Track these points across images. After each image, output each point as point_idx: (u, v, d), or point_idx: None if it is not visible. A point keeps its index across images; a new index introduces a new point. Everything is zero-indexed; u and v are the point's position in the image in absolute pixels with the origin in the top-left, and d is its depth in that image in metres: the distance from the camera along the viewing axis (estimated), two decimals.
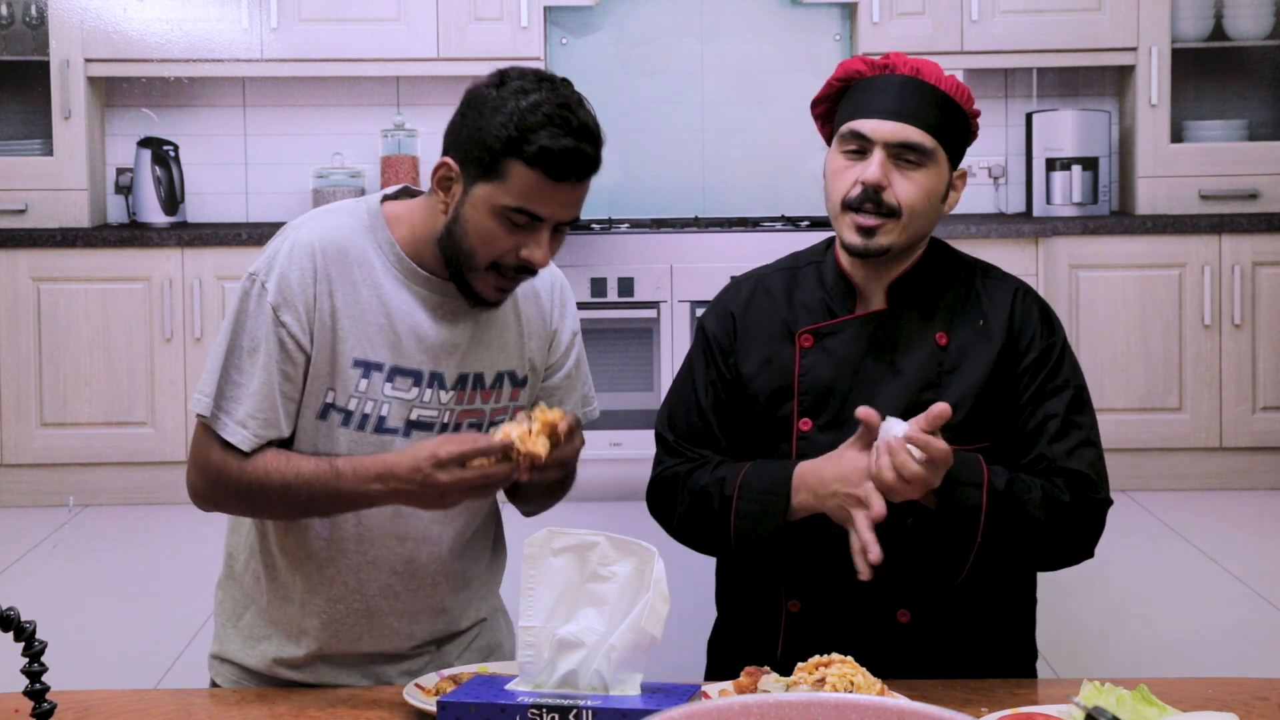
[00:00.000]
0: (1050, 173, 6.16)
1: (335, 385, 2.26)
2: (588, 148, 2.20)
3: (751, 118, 6.41)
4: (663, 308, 5.82)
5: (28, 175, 5.97)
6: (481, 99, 2.21)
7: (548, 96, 2.19)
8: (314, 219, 2.31)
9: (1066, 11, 6.06)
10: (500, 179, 2.17)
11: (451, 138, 2.24)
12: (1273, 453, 5.94)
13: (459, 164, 2.21)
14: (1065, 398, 2.37)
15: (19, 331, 5.82)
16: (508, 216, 2.19)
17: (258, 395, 2.23)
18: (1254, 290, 5.91)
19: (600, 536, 2.00)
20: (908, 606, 2.36)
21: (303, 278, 2.24)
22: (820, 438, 2.37)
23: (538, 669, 1.97)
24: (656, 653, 1.96)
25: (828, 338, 2.42)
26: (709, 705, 1.45)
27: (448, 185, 2.23)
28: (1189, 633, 4.46)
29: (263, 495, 2.24)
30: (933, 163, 2.38)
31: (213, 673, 2.45)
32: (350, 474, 2.20)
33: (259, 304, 2.24)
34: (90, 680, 2.53)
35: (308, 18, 6.03)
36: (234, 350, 2.25)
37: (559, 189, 2.18)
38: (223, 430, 2.24)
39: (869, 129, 2.38)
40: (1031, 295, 2.45)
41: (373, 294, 2.27)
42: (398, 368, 2.27)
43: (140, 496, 5.85)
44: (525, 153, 2.15)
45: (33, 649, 1.67)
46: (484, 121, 2.18)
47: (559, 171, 2.17)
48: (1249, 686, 2.13)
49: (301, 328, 2.24)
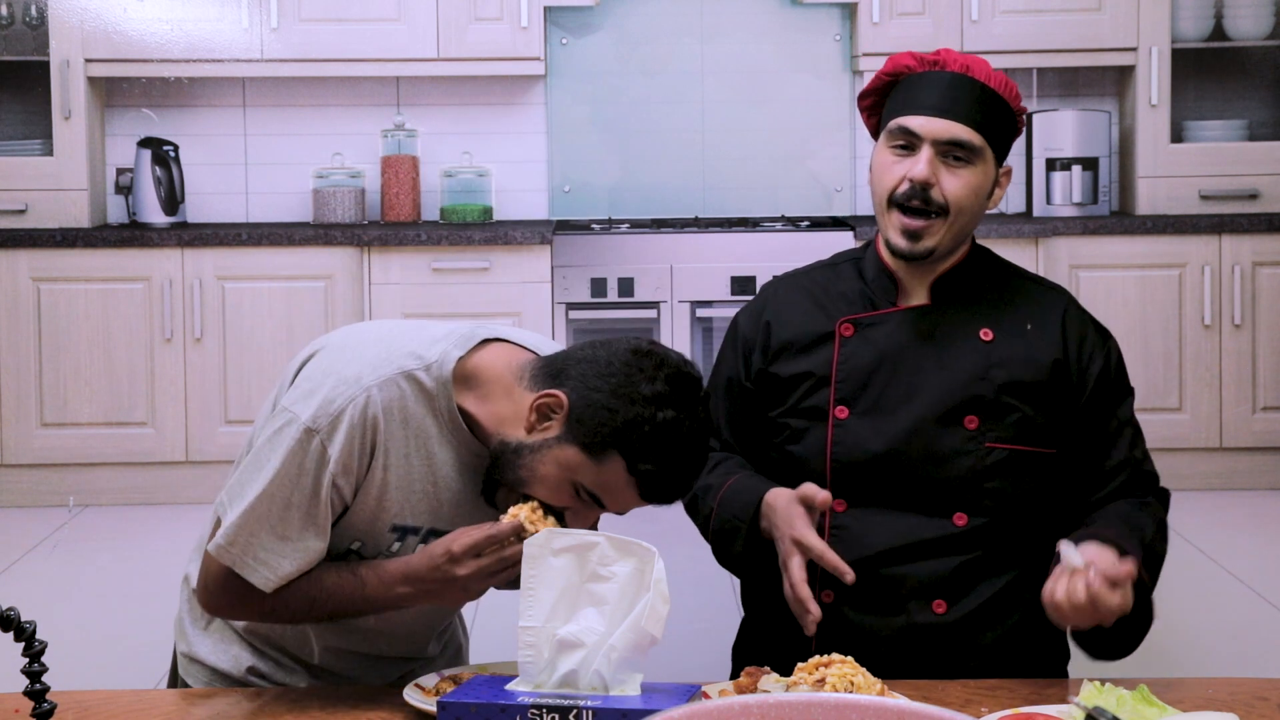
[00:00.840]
0: (1050, 173, 6.16)
1: (365, 540, 2.21)
2: (688, 484, 2.12)
3: (751, 118, 6.41)
4: (663, 308, 5.82)
5: (28, 175, 5.97)
6: (628, 378, 2.08)
7: (681, 421, 2.07)
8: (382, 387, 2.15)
9: (1066, 11, 6.06)
10: (596, 461, 2.08)
11: (578, 380, 2.10)
12: (1273, 453, 5.94)
13: (570, 413, 2.09)
14: (1128, 403, 2.45)
15: (19, 331, 5.82)
16: (578, 490, 2.11)
17: (297, 548, 2.14)
18: (1254, 290, 5.91)
19: (600, 536, 2.00)
20: (945, 598, 2.36)
21: (364, 449, 2.14)
22: (857, 425, 2.39)
23: (538, 669, 1.97)
24: (656, 653, 1.96)
25: (869, 328, 2.43)
26: (709, 705, 1.45)
27: (547, 416, 2.11)
28: (1189, 633, 4.46)
29: (287, 612, 2.20)
30: (980, 160, 2.40)
31: (182, 671, 2.40)
32: (375, 582, 2.16)
33: (318, 466, 2.12)
34: (90, 680, 2.53)
35: (308, 18, 6.03)
36: (276, 500, 2.13)
37: (639, 501, 2.12)
38: (252, 577, 2.15)
39: (918, 125, 2.38)
40: (1078, 306, 2.48)
41: (424, 462, 2.18)
42: (434, 530, 2.21)
43: (140, 496, 5.85)
44: (633, 463, 2.07)
45: (33, 649, 1.67)
46: (617, 405, 2.07)
47: (652, 494, 2.10)
48: (1249, 686, 2.13)
49: (350, 491, 2.16)
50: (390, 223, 6.17)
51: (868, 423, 2.38)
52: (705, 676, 2.17)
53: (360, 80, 6.28)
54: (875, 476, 2.37)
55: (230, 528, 2.14)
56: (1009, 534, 2.36)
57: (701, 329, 5.88)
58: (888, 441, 2.37)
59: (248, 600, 2.18)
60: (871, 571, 2.35)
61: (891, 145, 2.41)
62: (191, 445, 5.83)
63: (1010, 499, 2.36)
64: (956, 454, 2.35)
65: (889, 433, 2.37)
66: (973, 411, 2.36)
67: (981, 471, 2.34)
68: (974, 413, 2.36)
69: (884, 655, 2.31)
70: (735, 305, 5.84)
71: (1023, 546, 2.38)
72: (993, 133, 2.41)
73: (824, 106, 6.40)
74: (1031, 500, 2.38)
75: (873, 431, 2.37)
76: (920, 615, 2.35)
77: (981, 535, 2.35)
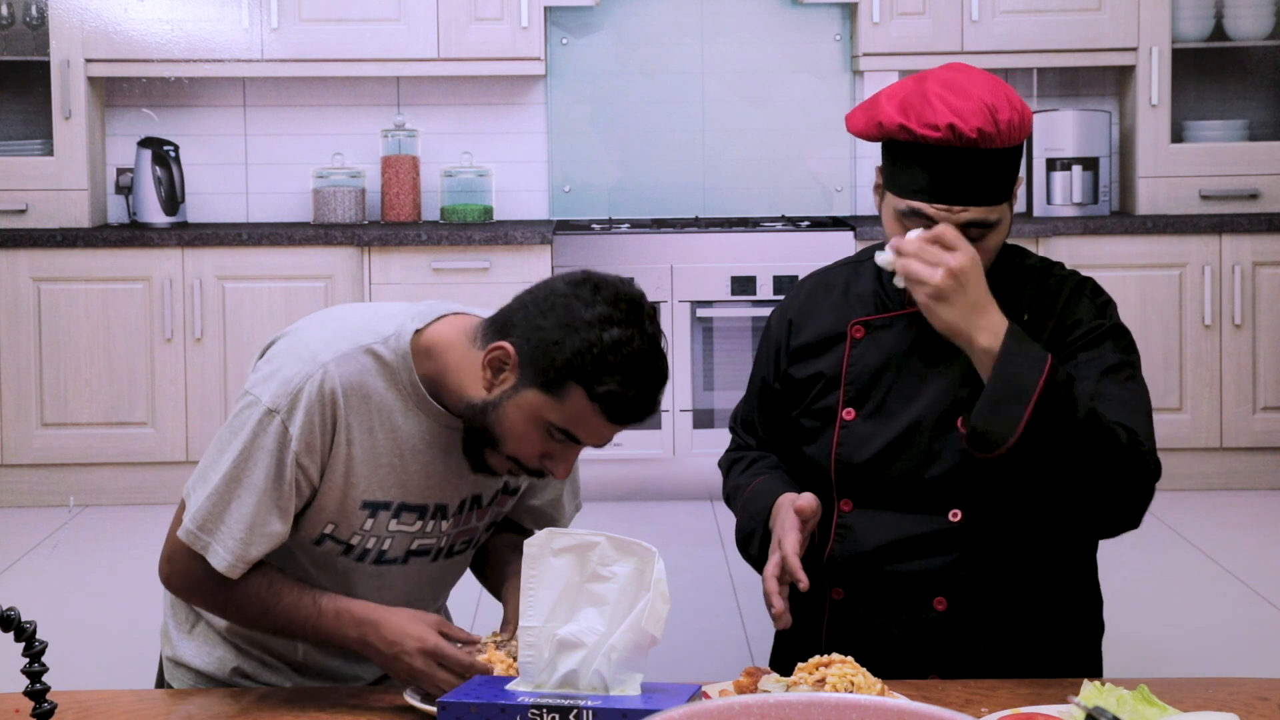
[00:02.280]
0: (1051, 173, 6.16)
1: (339, 521, 2.22)
2: (654, 399, 2.13)
3: (751, 118, 6.41)
4: (663, 308, 5.82)
5: (28, 175, 5.97)
6: (566, 309, 2.10)
7: (632, 337, 2.09)
8: (339, 362, 2.17)
9: (1066, 11, 6.06)
10: (557, 397, 2.09)
11: (520, 327, 2.13)
12: (1273, 453, 5.94)
13: (519, 359, 2.11)
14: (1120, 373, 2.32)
15: (19, 331, 5.82)
16: (549, 430, 2.12)
17: (260, 531, 2.15)
18: (1254, 290, 5.91)
19: (600, 536, 1.99)
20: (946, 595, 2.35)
21: (325, 425, 2.15)
22: (862, 427, 2.39)
23: (538, 669, 1.97)
24: (656, 653, 1.96)
25: (879, 330, 2.43)
26: (709, 705, 1.45)
27: (499, 369, 2.13)
28: (1189, 633, 4.46)
29: (239, 612, 2.21)
30: (999, 223, 2.31)
31: (167, 675, 2.41)
32: (332, 616, 2.17)
33: (279, 444, 2.14)
34: (90, 680, 2.53)
35: (308, 18, 6.03)
36: (241, 483, 2.15)
37: (612, 427, 2.13)
38: (215, 561, 2.15)
39: (937, 214, 2.28)
40: (1080, 277, 2.43)
41: (388, 436, 2.20)
42: (405, 504, 2.23)
43: (140, 496, 5.85)
44: (593, 389, 2.07)
45: (33, 649, 1.67)
46: (561, 336, 2.08)
47: (619, 416, 2.11)
48: (1249, 686, 2.13)
49: (316, 470, 2.17)
50: (390, 223, 6.17)
51: (871, 425, 2.39)
52: (705, 676, 2.17)
53: (360, 80, 6.28)
54: (875, 476, 2.38)
55: (194, 511, 2.16)
56: (1005, 527, 2.36)
57: (701, 329, 5.88)
58: (886, 442, 2.38)
59: (206, 585, 2.19)
60: (874, 569, 2.37)
61: (903, 221, 2.31)
62: (192, 445, 5.83)
63: (1004, 492, 2.35)
64: (949, 453, 2.35)
65: (886, 437, 2.38)
66: (965, 411, 2.34)
67: (971, 468, 2.34)
68: (966, 413, 2.34)
69: (895, 652, 2.33)
70: (735, 305, 5.84)
71: (1020, 540, 2.37)
72: (1008, 186, 2.31)
73: (824, 106, 6.40)
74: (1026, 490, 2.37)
75: (873, 434, 2.39)
76: (924, 613, 2.36)
77: (977, 530, 2.35)
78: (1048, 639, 2.39)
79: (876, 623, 2.37)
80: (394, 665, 2.13)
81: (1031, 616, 2.37)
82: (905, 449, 2.37)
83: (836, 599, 2.40)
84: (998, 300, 2.33)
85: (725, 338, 5.87)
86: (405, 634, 2.12)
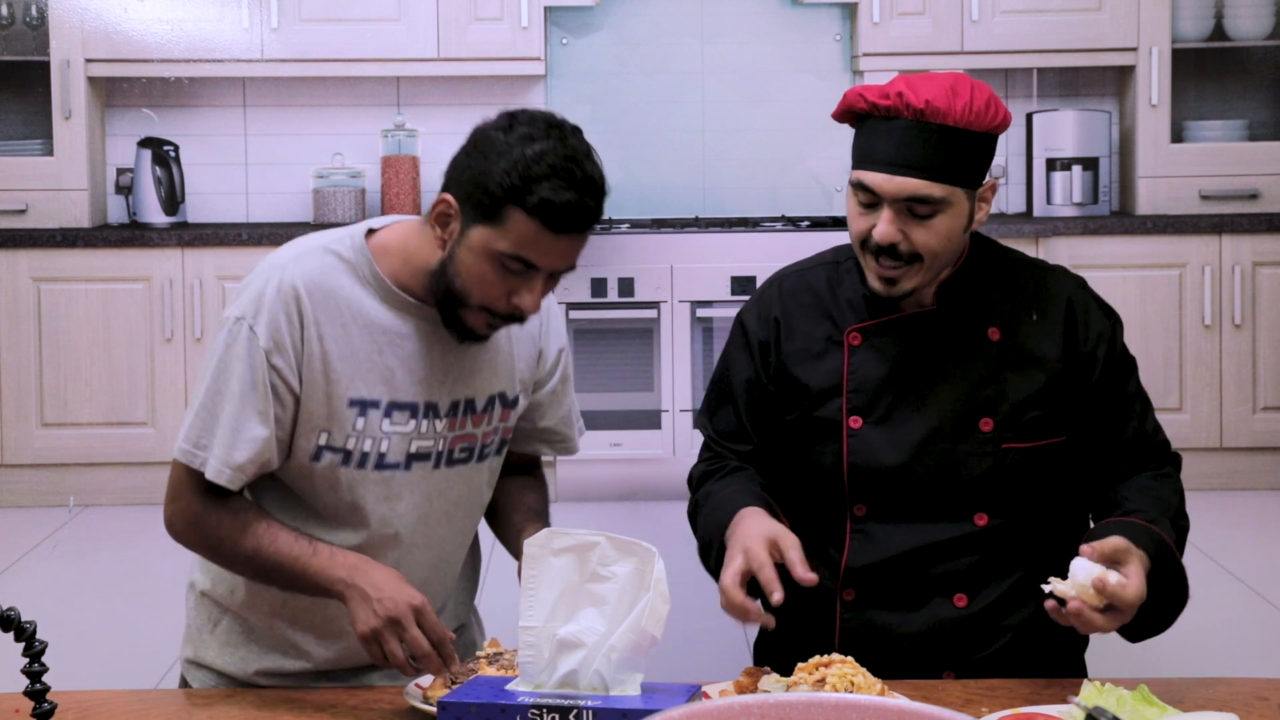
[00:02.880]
0: (1050, 173, 6.16)
1: (330, 427, 2.24)
2: (590, 202, 2.16)
3: (751, 118, 6.41)
4: (663, 308, 5.82)
5: (28, 175, 5.97)
6: (488, 141, 2.17)
7: (554, 146, 2.14)
8: (297, 260, 2.26)
9: (1066, 11, 6.06)
10: (499, 225, 2.14)
11: (454, 175, 2.20)
12: (1273, 453, 5.94)
13: (459, 203, 2.18)
14: (1136, 377, 2.43)
15: (19, 331, 5.82)
16: (503, 262, 2.16)
17: (243, 436, 2.20)
18: (1254, 290, 5.91)
19: (600, 536, 2.00)
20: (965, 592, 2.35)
21: (291, 321, 2.22)
22: (872, 434, 2.37)
23: (538, 669, 1.97)
24: (656, 653, 1.96)
25: (876, 336, 2.40)
26: (709, 705, 1.45)
27: (446, 222, 2.20)
28: (1189, 633, 4.45)
29: (233, 550, 2.24)
30: (948, 205, 2.29)
31: (189, 677, 2.42)
32: (325, 555, 2.19)
33: (250, 348, 2.21)
34: (90, 680, 2.53)
35: (308, 18, 6.03)
36: (222, 394, 2.22)
37: (557, 240, 2.15)
38: (207, 470, 2.21)
39: (875, 183, 2.28)
40: (1085, 286, 2.46)
41: (363, 332, 2.25)
42: (395, 402, 2.26)
43: (140, 496, 5.85)
44: (526, 203, 2.12)
45: (33, 649, 1.67)
46: (488, 165, 2.14)
47: (559, 224, 2.14)
48: (1249, 686, 2.13)
49: (292, 371, 2.22)
50: None
51: (882, 432, 2.37)
52: (705, 676, 2.17)
53: (360, 80, 6.28)
54: (893, 486, 2.36)
55: (185, 430, 2.23)
56: (1030, 528, 2.36)
57: (701, 329, 5.88)
58: (904, 453, 2.35)
59: (205, 521, 2.24)
60: (892, 571, 2.36)
61: (856, 198, 2.32)
62: None
63: (1030, 495, 2.36)
64: (973, 458, 2.34)
65: (904, 444, 2.35)
66: (987, 414, 2.35)
67: (1000, 473, 2.34)
68: (988, 415, 2.35)
69: (906, 651, 2.32)
70: (735, 305, 5.84)
71: (1043, 536, 2.37)
72: (960, 172, 2.28)
73: (824, 106, 6.37)
74: (1052, 492, 2.38)
75: (888, 442, 2.35)
76: (943, 610, 2.35)
77: (1003, 532, 2.35)
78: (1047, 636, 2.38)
79: (888, 625, 2.36)
80: (369, 608, 2.12)
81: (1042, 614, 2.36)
82: (927, 455, 2.35)
83: (847, 600, 2.39)
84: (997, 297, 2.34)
85: (725, 338, 5.85)
86: (396, 588, 2.13)
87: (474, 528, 2.46)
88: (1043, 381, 2.36)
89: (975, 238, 2.44)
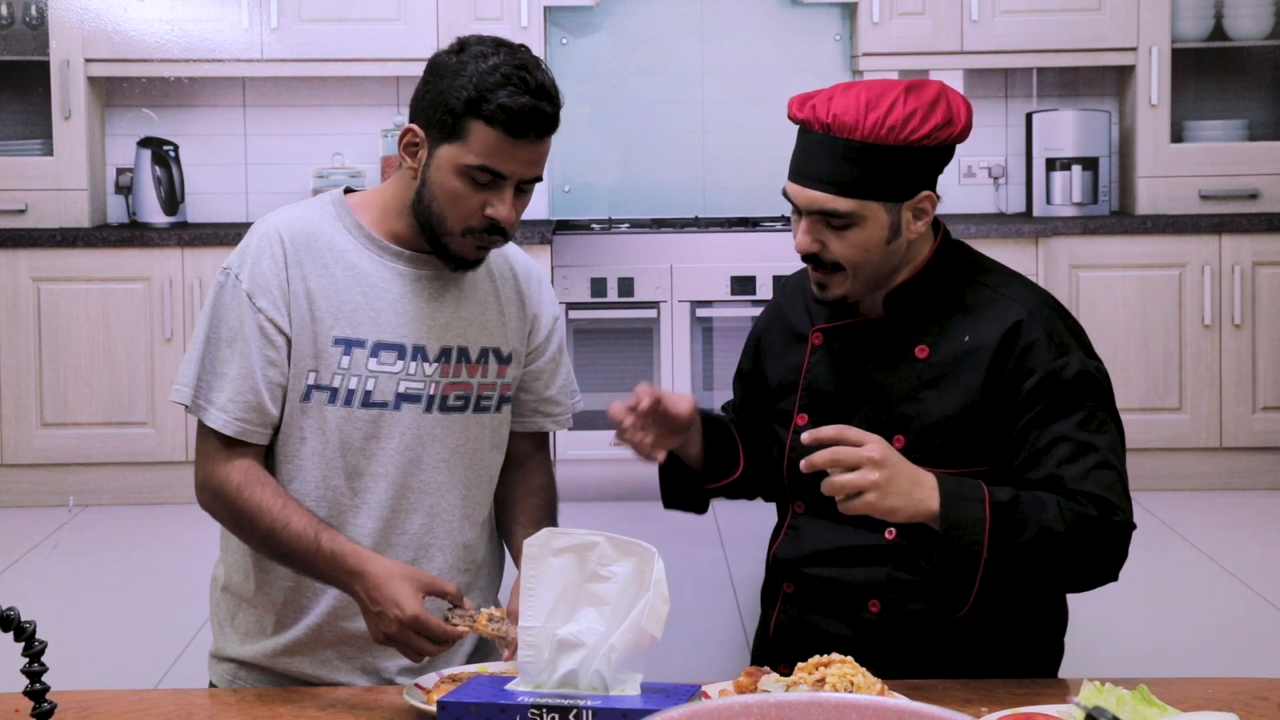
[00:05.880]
0: (1050, 173, 6.16)
1: (318, 366, 2.32)
2: (546, 106, 2.25)
3: (751, 118, 6.41)
4: (663, 308, 5.82)
5: (28, 175, 5.97)
6: (442, 65, 2.28)
7: (505, 59, 2.25)
8: (280, 213, 2.40)
9: (1066, 11, 6.06)
10: (462, 139, 2.24)
11: (416, 105, 2.31)
12: (1273, 453, 5.94)
13: (424, 129, 2.28)
14: (1076, 419, 2.23)
15: (19, 331, 5.82)
16: (471, 175, 2.25)
17: (238, 381, 2.29)
18: (1254, 290, 5.91)
19: (600, 536, 2.00)
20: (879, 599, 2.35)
21: (274, 263, 2.32)
22: None
23: (538, 669, 1.97)
24: (656, 653, 1.96)
25: (833, 338, 2.42)
26: (709, 705, 1.45)
27: (414, 150, 2.30)
28: (1189, 633, 4.46)
29: (251, 526, 2.30)
30: (860, 219, 2.27)
31: (211, 674, 2.46)
32: (327, 557, 2.25)
33: (234, 294, 2.32)
34: (90, 680, 2.53)
35: (308, 18, 6.03)
36: (212, 341, 2.32)
37: (519, 146, 2.24)
38: (204, 416, 2.30)
39: (791, 193, 2.33)
40: (1043, 316, 2.31)
41: (347, 274, 2.34)
42: (381, 343, 2.33)
43: (140, 496, 5.85)
44: (485, 112, 2.22)
45: (33, 649, 1.67)
46: (445, 85, 2.25)
47: (518, 129, 2.23)
48: (1249, 686, 2.13)
49: (278, 311, 2.30)
50: None
51: None
52: (705, 676, 2.17)
53: (360, 80, 6.28)
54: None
55: (181, 374, 2.33)
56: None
57: (701, 329, 5.88)
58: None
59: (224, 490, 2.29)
60: (814, 571, 2.39)
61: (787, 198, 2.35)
62: (191, 445, 5.82)
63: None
64: None
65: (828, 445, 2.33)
66: (900, 431, 2.32)
67: None
68: (901, 432, 2.32)
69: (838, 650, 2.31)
70: (735, 305, 5.84)
71: None
72: (872, 187, 2.25)
73: None
74: None
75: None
76: (862, 614, 2.36)
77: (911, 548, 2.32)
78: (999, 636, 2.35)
79: (819, 625, 2.39)
80: (374, 623, 2.21)
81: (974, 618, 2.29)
82: None
83: (788, 592, 2.43)
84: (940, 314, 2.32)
85: (725, 338, 5.87)
86: (390, 600, 2.18)
87: (479, 488, 2.44)
88: (957, 408, 2.29)
89: (955, 245, 2.41)
